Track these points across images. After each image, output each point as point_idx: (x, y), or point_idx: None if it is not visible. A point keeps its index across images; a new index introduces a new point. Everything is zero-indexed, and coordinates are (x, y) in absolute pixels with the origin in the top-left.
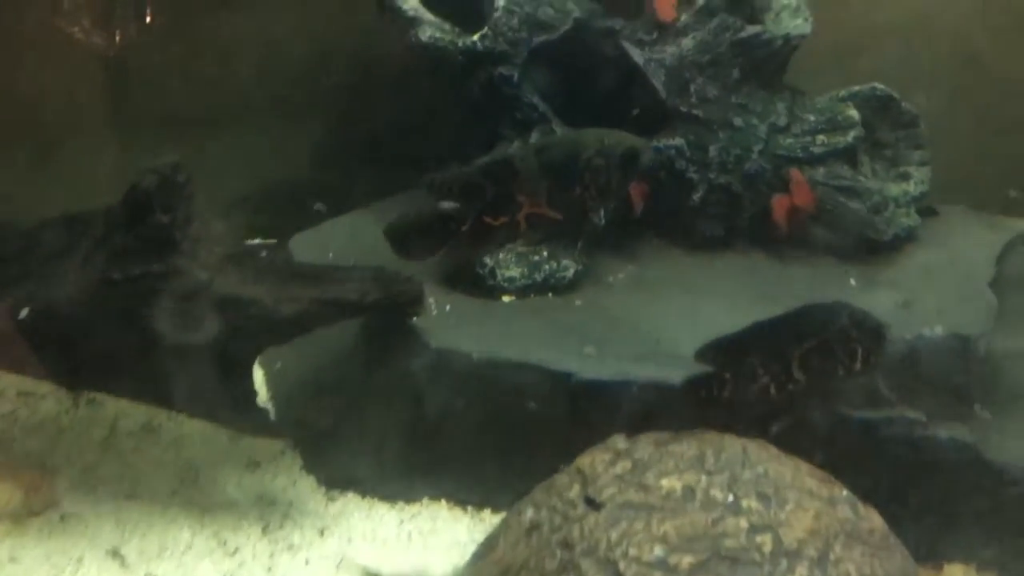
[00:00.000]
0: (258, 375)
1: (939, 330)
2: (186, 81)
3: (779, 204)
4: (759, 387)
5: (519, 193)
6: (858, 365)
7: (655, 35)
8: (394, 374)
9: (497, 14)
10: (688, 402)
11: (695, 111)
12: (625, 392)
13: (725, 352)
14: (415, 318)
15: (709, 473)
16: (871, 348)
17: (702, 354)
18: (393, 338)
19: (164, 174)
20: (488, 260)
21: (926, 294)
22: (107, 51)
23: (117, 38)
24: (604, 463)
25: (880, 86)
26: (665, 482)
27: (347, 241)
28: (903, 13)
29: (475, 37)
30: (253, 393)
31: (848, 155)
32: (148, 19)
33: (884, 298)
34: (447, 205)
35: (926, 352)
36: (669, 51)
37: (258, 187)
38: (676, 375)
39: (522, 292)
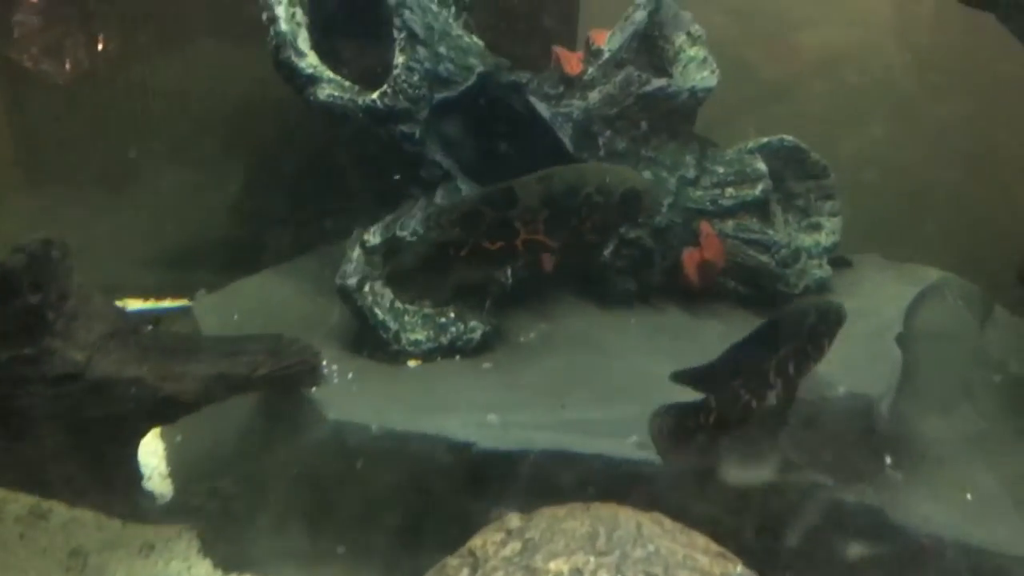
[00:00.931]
0: (156, 450)
1: (842, 391)
2: (94, 136)
3: (689, 258)
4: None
5: (517, 220)
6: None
7: (562, 89)
8: (291, 448)
9: (396, 71)
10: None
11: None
12: (525, 462)
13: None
14: (314, 388)
15: (599, 553)
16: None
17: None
18: (291, 410)
19: (33, 252)
20: (392, 324)
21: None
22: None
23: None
24: (495, 544)
25: (788, 138)
26: (553, 565)
27: (254, 303)
28: (819, 60)
29: (375, 95)
30: (138, 478)
31: (757, 207)
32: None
33: None
34: (444, 235)
35: (830, 413)
36: (576, 105)
37: (170, 245)
38: (578, 442)
39: (428, 356)
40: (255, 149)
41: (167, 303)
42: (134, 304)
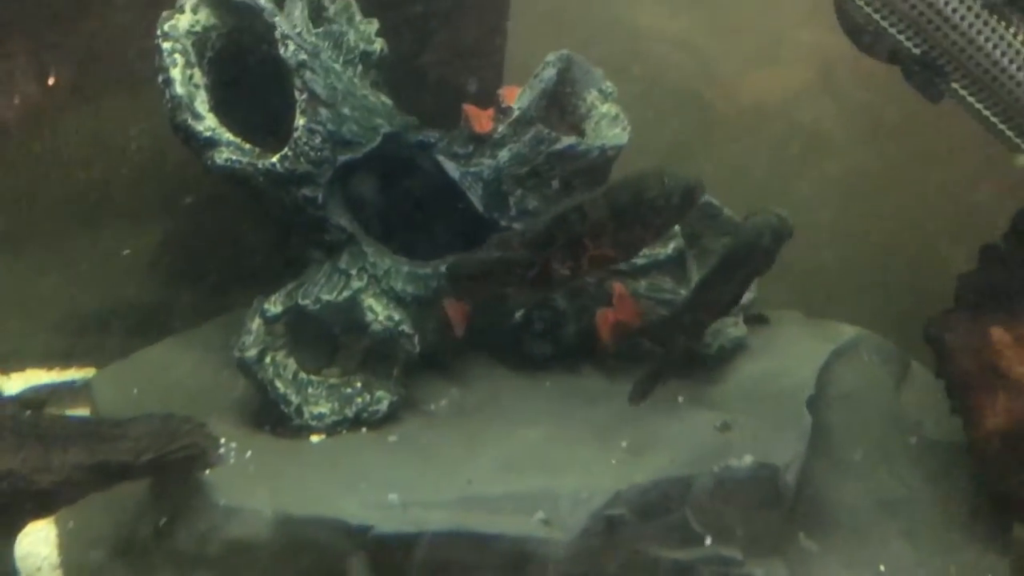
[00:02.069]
0: (48, 537)
1: (748, 460)
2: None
3: (603, 319)
4: None
5: (587, 238)
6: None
7: (471, 148)
8: (181, 536)
9: (297, 134)
10: None
11: (515, 224)
12: (423, 545)
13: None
14: (207, 471)
15: None
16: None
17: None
18: (183, 494)
19: None
20: (294, 397)
21: (746, 414)
22: None
23: None
24: None
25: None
26: None
27: (155, 375)
28: (739, 112)
29: (274, 159)
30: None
31: (671, 266)
32: None
33: (706, 419)
34: (514, 256)
35: (736, 484)
36: (486, 164)
37: (77, 308)
38: (481, 521)
39: (332, 429)
40: (164, 211)
41: (72, 373)
42: (37, 375)
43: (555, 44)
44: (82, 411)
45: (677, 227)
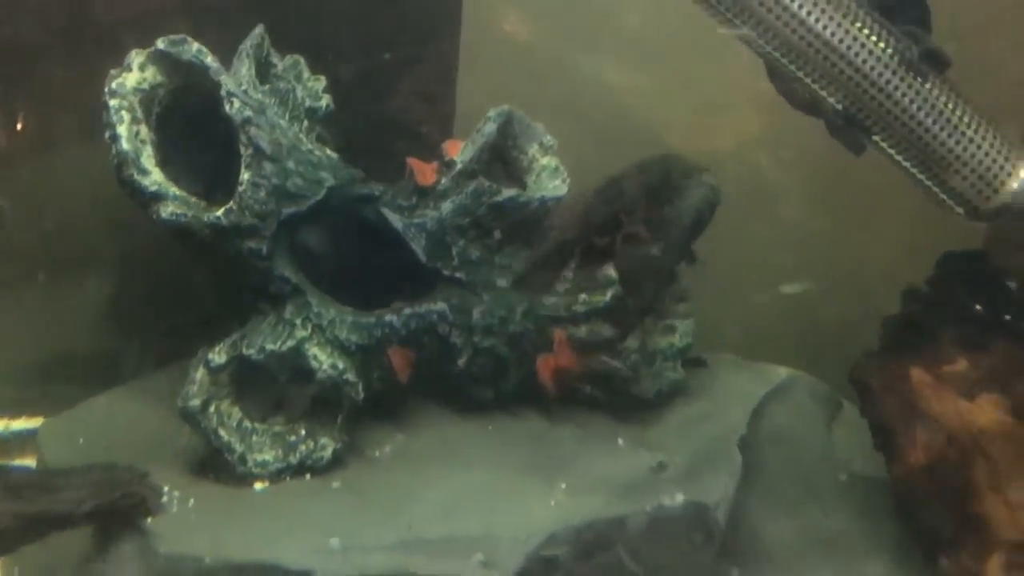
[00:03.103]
0: None
1: (680, 498)
2: None
3: (544, 365)
4: None
5: (623, 213)
6: None
7: (415, 200)
8: None
9: (242, 188)
10: None
11: (457, 273)
12: None
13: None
14: (149, 519)
15: None
16: None
17: None
18: (124, 543)
19: None
20: (238, 445)
21: (681, 455)
22: None
23: None
24: None
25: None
26: None
27: (103, 424)
28: (730, 146)
29: (220, 212)
30: None
31: (609, 313)
32: None
33: (643, 460)
34: (566, 233)
35: (669, 522)
36: (430, 215)
37: (27, 357)
38: (420, 564)
39: (276, 477)
40: (114, 260)
41: (21, 423)
42: None
43: (510, 93)
44: (30, 461)
45: (615, 275)
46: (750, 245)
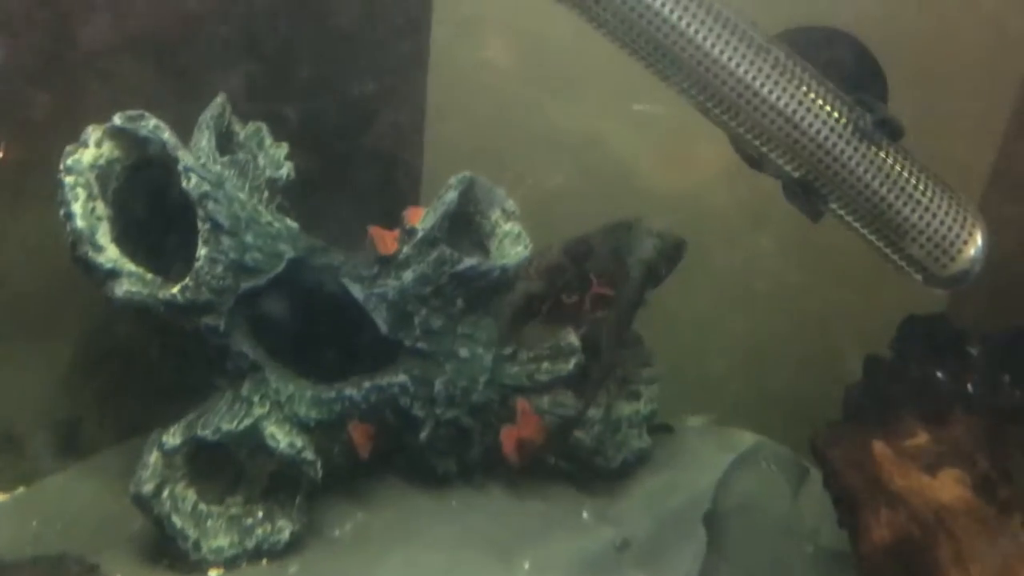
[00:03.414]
0: None
1: None
2: None
3: (507, 436)
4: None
5: (592, 272)
6: None
7: (376, 269)
8: None
9: (199, 264)
10: None
11: (419, 344)
12: None
13: None
14: None
15: None
16: None
17: None
18: None
19: None
20: (192, 532)
21: (645, 530)
22: None
23: None
24: None
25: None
26: None
27: (56, 506)
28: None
29: (175, 289)
30: None
31: (572, 382)
32: None
33: (607, 537)
34: (532, 287)
35: None
36: (391, 285)
37: None
38: None
39: (232, 563)
40: (73, 332)
41: None
42: None
43: (479, 127)
44: None
45: (577, 342)
46: (715, 302)
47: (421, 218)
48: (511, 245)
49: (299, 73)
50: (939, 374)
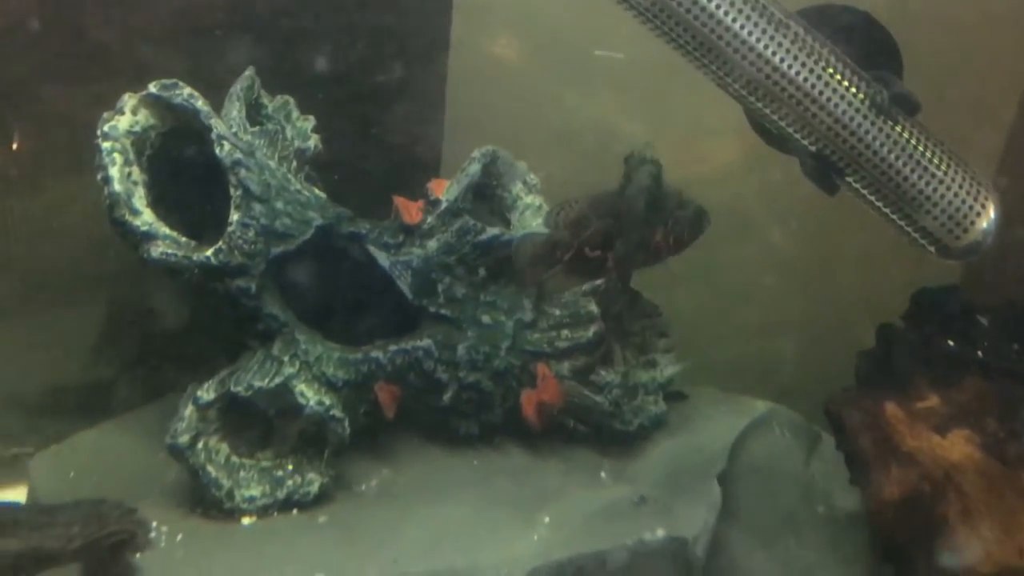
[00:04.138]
0: None
1: (660, 533)
2: None
3: (527, 400)
4: None
5: (617, 231)
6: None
7: (402, 238)
8: None
9: (231, 228)
10: None
11: (443, 311)
12: None
13: None
14: (138, 555)
15: None
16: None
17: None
18: None
19: None
20: (225, 481)
21: (662, 489)
22: None
23: None
24: None
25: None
26: None
27: (92, 458)
28: (721, 169)
29: (209, 252)
30: None
31: (592, 348)
32: None
33: (625, 494)
34: (556, 235)
35: (649, 556)
36: (416, 253)
37: (14, 388)
38: None
39: (264, 512)
40: (104, 293)
41: (13, 451)
42: None
43: (498, 115)
44: (19, 491)
45: (597, 310)
46: (729, 272)
47: (445, 189)
48: (532, 217)
49: (320, 59)
50: (950, 341)
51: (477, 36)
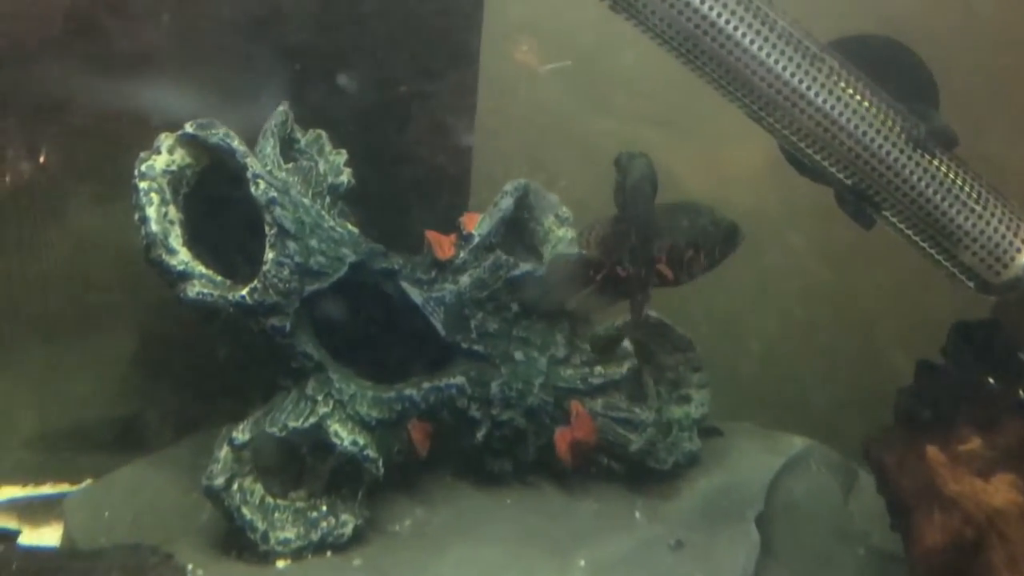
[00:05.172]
0: None
1: None
2: None
3: (561, 438)
4: None
5: (652, 249)
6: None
7: (434, 273)
8: None
9: (266, 267)
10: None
11: (476, 347)
12: None
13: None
14: None
15: None
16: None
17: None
18: None
19: None
20: (260, 524)
21: (698, 532)
22: None
23: None
24: None
25: (652, 313)
26: None
27: (126, 497)
28: (740, 177)
29: (244, 291)
30: None
31: (626, 385)
32: None
33: (660, 536)
34: (587, 252)
35: None
36: (448, 289)
37: (49, 423)
38: None
39: (298, 555)
40: (139, 327)
41: (46, 489)
42: (10, 491)
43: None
44: (55, 528)
45: (630, 347)
46: (759, 299)
47: (477, 223)
48: (564, 250)
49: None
50: (991, 380)
51: (504, 49)
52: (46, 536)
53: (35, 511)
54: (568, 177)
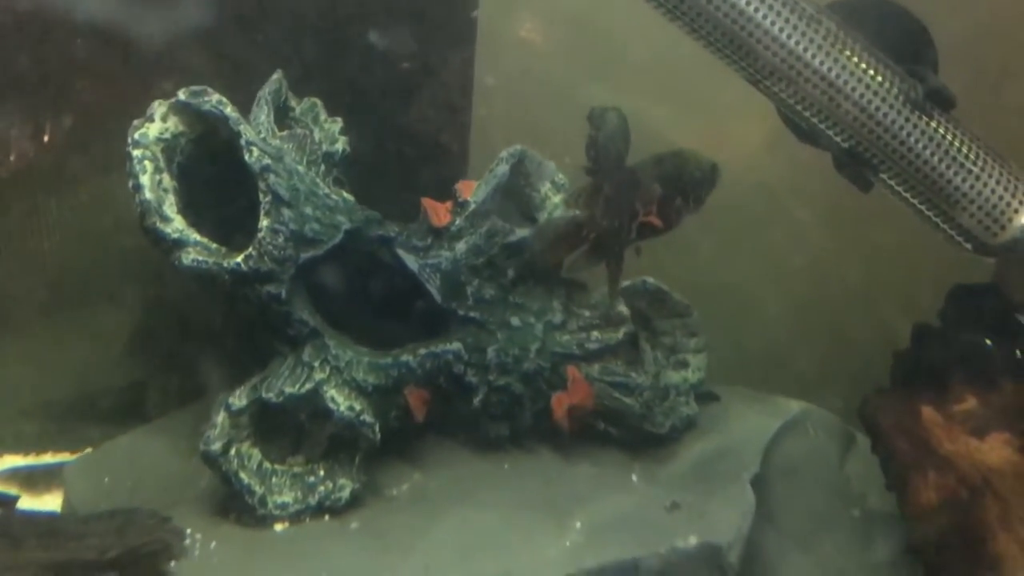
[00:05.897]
0: None
1: (693, 540)
2: None
3: (558, 403)
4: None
5: (638, 202)
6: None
7: (430, 240)
8: None
9: (261, 234)
10: None
11: (472, 313)
12: None
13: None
14: (172, 564)
15: None
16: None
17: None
18: None
19: None
20: (258, 488)
21: (694, 493)
22: None
23: None
24: None
25: (650, 280)
26: None
27: (126, 464)
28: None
29: (239, 258)
30: None
31: (623, 350)
32: None
33: (657, 499)
34: (579, 213)
35: (682, 564)
36: (444, 255)
37: (50, 393)
38: None
39: (296, 518)
40: (137, 297)
41: (47, 458)
42: (11, 460)
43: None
44: (56, 496)
45: (626, 311)
46: (758, 271)
47: (473, 191)
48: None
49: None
50: (987, 341)
51: (505, 25)
52: (48, 504)
53: (36, 480)
54: (571, 154)
